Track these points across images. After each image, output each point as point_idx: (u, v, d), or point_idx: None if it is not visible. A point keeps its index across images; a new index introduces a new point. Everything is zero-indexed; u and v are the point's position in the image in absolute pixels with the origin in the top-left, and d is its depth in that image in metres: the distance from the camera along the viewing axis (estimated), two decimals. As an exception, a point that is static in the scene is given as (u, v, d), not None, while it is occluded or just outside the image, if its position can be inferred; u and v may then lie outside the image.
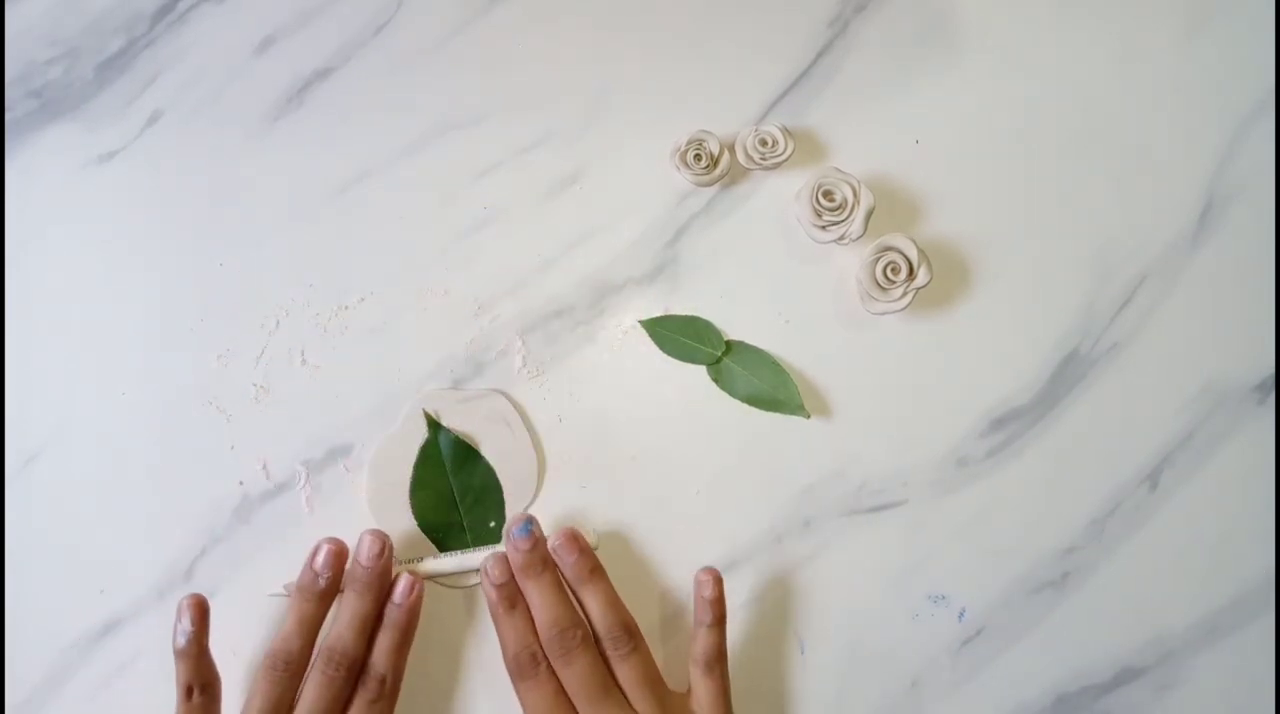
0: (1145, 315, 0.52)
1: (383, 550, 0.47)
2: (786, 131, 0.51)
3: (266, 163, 0.53)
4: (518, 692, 0.46)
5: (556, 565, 0.47)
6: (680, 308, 0.52)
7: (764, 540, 0.50)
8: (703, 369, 0.51)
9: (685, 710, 0.46)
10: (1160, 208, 0.53)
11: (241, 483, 0.50)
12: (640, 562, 0.50)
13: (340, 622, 0.46)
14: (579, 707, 0.45)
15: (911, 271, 0.49)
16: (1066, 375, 0.51)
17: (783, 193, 0.52)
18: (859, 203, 0.50)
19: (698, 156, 0.50)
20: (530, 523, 0.47)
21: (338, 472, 0.50)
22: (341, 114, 0.53)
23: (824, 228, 0.50)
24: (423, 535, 0.50)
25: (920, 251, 0.49)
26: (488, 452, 0.50)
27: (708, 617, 0.46)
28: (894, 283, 0.49)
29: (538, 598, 0.46)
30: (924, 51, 0.54)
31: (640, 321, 0.52)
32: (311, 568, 0.46)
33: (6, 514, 0.50)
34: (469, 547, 0.50)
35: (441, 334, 0.52)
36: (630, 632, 0.46)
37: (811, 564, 0.50)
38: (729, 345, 0.51)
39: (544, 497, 0.51)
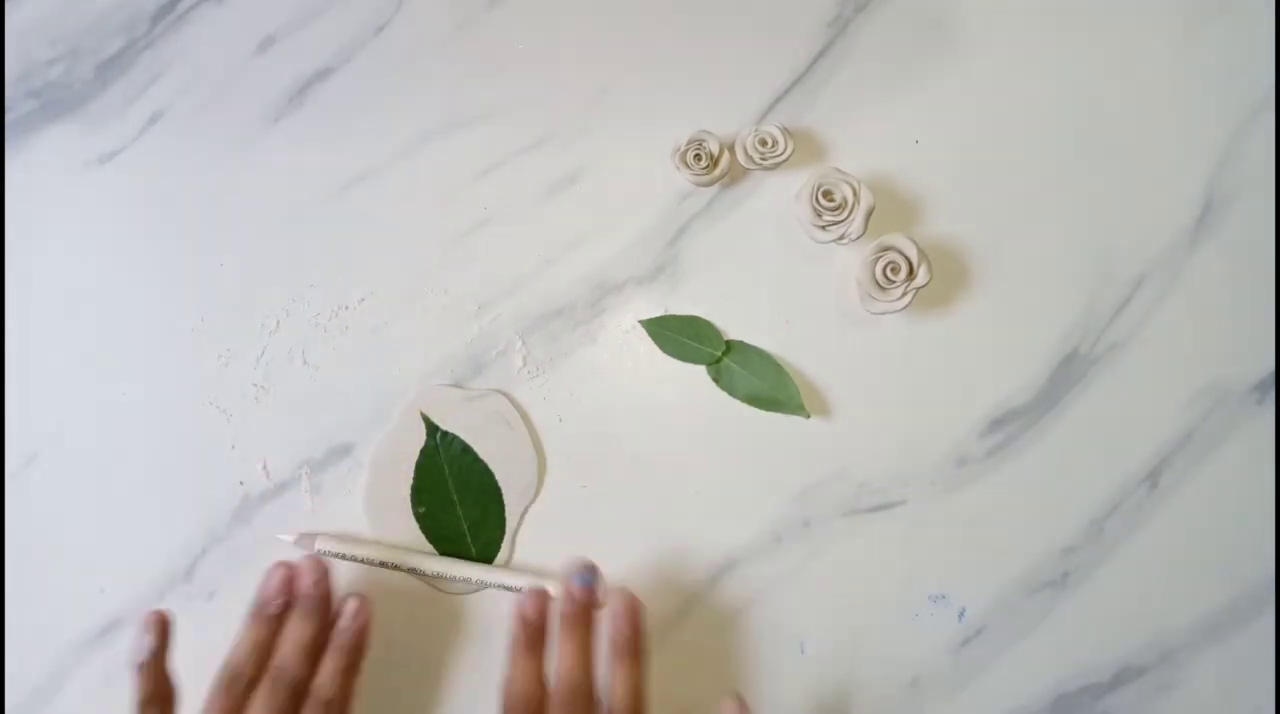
0: (1145, 315, 0.52)
1: (322, 577, 0.46)
2: (786, 131, 0.51)
3: (266, 163, 0.53)
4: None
5: (593, 624, 0.45)
6: (680, 308, 0.52)
7: (764, 540, 0.50)
8: (703, 369, 0.51)
9: None
10: (1160, 208, 0.53)
11: (241, 483, 0.50)
12: (639, 562, 0.50)
13: (285, 645, 0.45)
14: None
15: (911, 271, 0.49)
16: (1066, 375, 0.51)
17: (783, 193, 0.52)
18: (859, 203, 0.50)
19: (698, 156, 0.50)
20: (594, 576, 0.45)
21: (338, 472, 0.50)
22: (341, 114, 0.53)
23: (824, 228, 0.50)
24: (422, 536, 0.50)
25: (920, 251, 0.49)
26: (488, 451, 0.50)
27: None
28: (894, 283, 0.49)
29: (568, 652, 0.44)
30: (924, 51, 0.54)
31: (640, 321, 0.52)
32: (264, 594, 0.46)
33: (6, 514, 0.50)
34: (469, 547, 0.50)
35: (441, 334, 0.52)
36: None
37: (811, 564, 0.50)
38: (729, 345, 0.51)
39: (544, 496, 0.51)
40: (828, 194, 0.50)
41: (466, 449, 0.50)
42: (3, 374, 0.51)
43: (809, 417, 0.51)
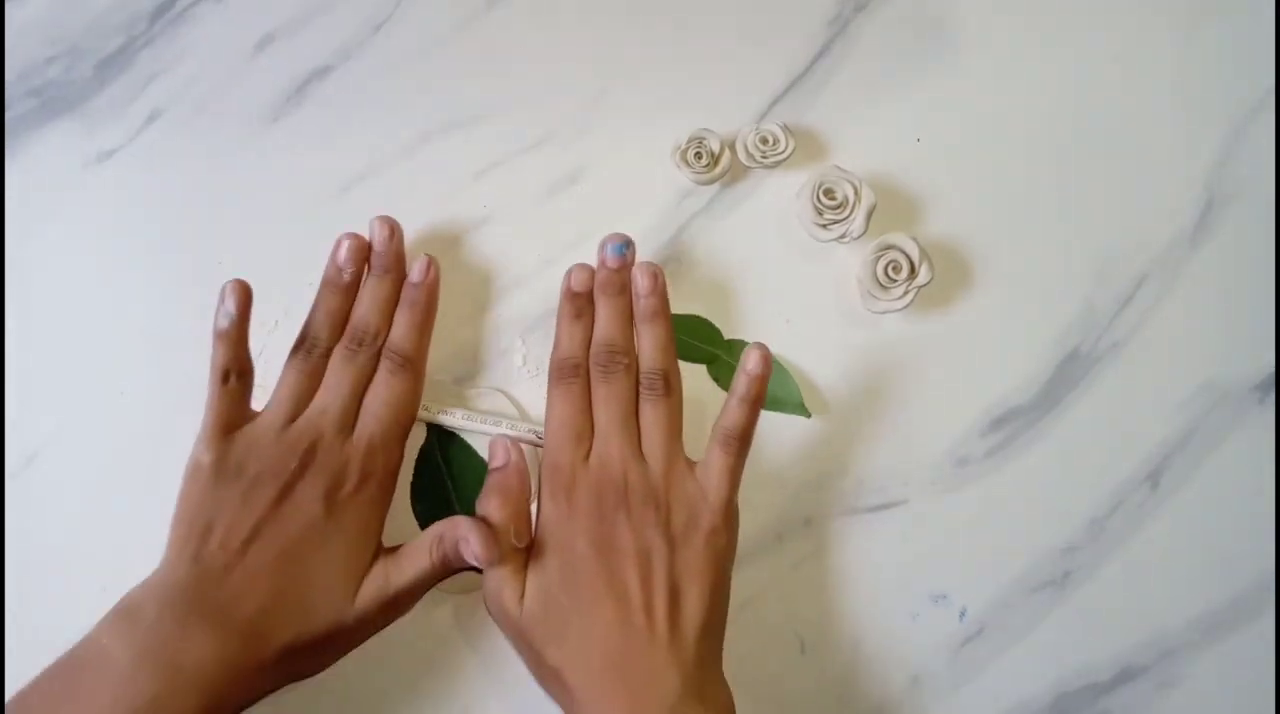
0: (1145, 315, 0.52)
1: (392, 233, 0.49)
2: (787, 130, 0.51)
3: (266, 162, 0.53)
4: (549, 392, 0.48)
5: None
6: (680, 307, 0.52)
7: (764, 540, 0.50)
8: (703, 369, 0.51)
9: (689, 475, 0.46)
10: (1160, 208, 0.53)
11: (241, 482, 0.50)
12: (640, 561, 0.50)
13: (361, 303, 0.48)
14: (597, 424, 0.46)
15: (913, 270, 0.49)
16: (1067, 375, 0.51)
17: (783, 191, 0.52)
18: (860, 201, 0.50)
19: (698, 155, 0.50)
20: (626, 246, 0.48)
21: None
22: (341, 113, 0.53)
23: (825, 226, 0.50)
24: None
25: (922, 250, 0.49)
26: (488, 451, 0.50)
27: (742, 390, 0.45)
28: (895, 282, 0.49)
29: (604, 315, 0.48)
30: (924, 50, 0.54)
31: (640, 321, 0.52)
32: (335, 263, 0.48)
33: (6, 514, 0.50)
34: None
35: (441, 334, 0.51)
36: (669, 380, 0.47)
37: (811, 564, 0.50)
38: (729, 345, 0.51)
39: (544, 496, 0.51)
40: (829, 193, 0.50)
41: (466, 448, 0.50)
42: (3, 374, 0.51)
43: (809, 416, 0.51)
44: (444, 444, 0.50)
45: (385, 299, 0.48)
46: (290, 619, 0.42)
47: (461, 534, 0.43)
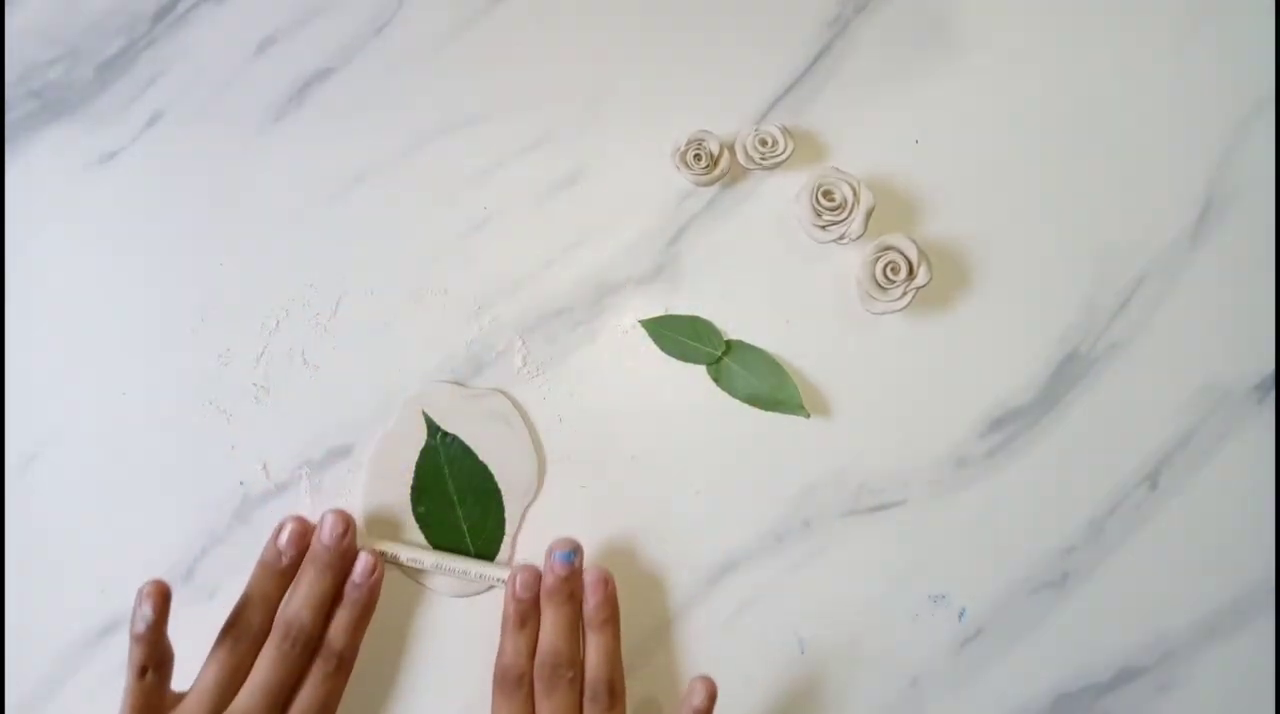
0: (1145, 315, 0.52)
1: (346, 531, 0.47)
2: (786, 131, 0.51)
3: (267, 163, 0.53)
4: (493, 700, 0.47)
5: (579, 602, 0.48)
6: (680, 308, 0.52)
7: (764, 540, 0.50)
8: (703, 369, 0.51)
9: None
10: (1160, 208, 0.53)
11: (242, 483, 0.50)
12: (640, 562, 0.50)
13: (298, 598, 0.46)
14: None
15: (911, 271, 0.49)
16: (1066, 375, 0.51)
17: (783, 193, 0.52)
18: (859, 202, 0.50)
19: (698, 156, 0.50)
20: (574, 553, 0.47)
21: (338, 472, 0.50)
22: (342, 114, 0.53)
23: (824, 227, 0.50)
24: (421, 536, 0.50)
25: (920, 251, 0.49)
26: (487, 451, 0.50)
27: None
28: (894, 282, 0.49)
29: (551, 625, 0.47)
30: (924, 51, 0.54)
31: (640, 321, 0.52)
32: (275, 545, 0.47)
33: (6, 514, 0.50)
34: (468, 547, 0.50)
35: (441, 334, 0.52)
36: (615, 693, 0.46)
37: (811, 564, 0.50)
38: (729, 345, 0.51)
39: (544, 496, 0.51)
40: (828, 194, 0.50)
41: (466, 449, 0.50)
42: (3, 374, 0.51)
43: (809, 416, 0.51)
44: (445, 445, 0.50)
45: (324, 596, 0.46)
46: None
47: None
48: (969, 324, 0.52)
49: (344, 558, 0.47)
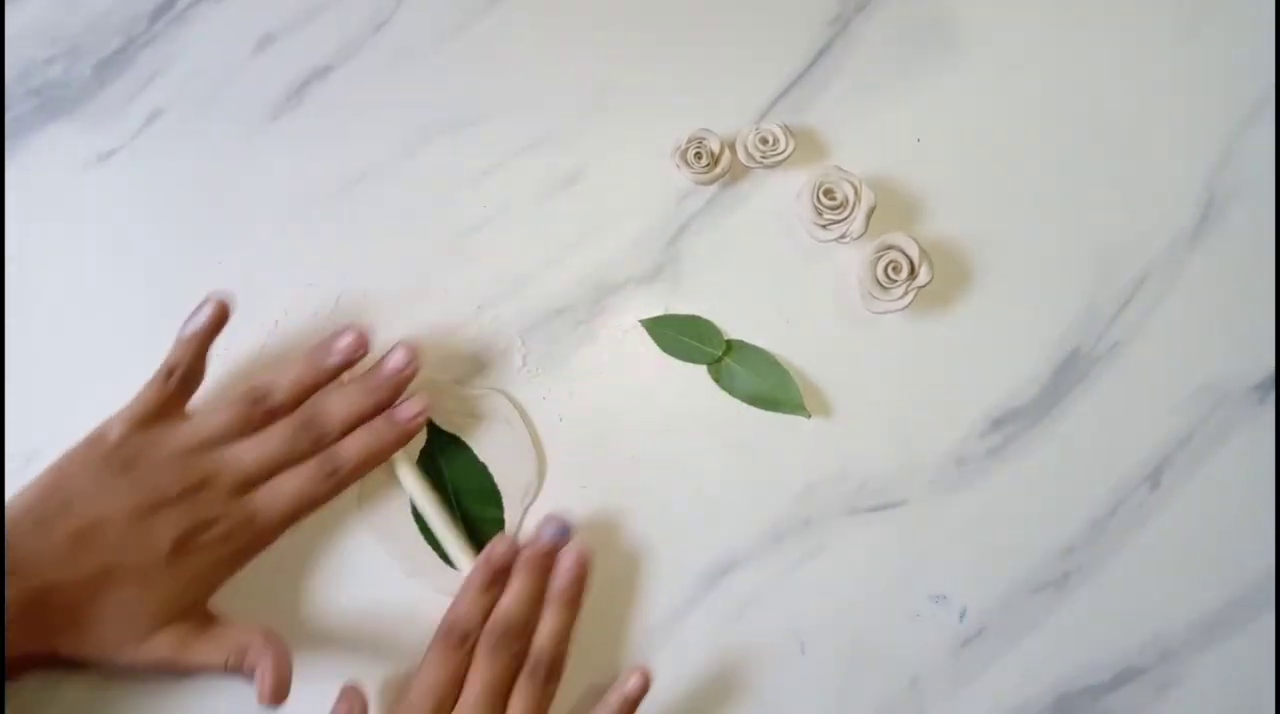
0: (1145, 315, 0.52)
1: (406, 366, 0.47)
2: (787, 130, 0.51)
3: (266, 162, 0.53)
4: (429, 648, 0.45)
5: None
6: (680, 307, 0.52)
7: (764, 540, 0.50)
8: (703, 369, 0.51)
9: None
10: (1160, 208, 0.53)
11: (241, 483, 0.50)
12: (639, 562, 0.50)
13: (334, 401, 0.46)
14: (463, 698, 0.44)
15: (913, 270, 0.49)
16: (1067, 375, 0.51)
17: (783, 192, 0.52)
18: (860, 201, 0.50)
19: (698, 155, 0.50)
20: (568, 530, 0.47)
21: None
22: (341, 113, 0.53)
23: (825, 227, 0.50)
24: (422, 535, 0.50)
25: (922, 250, 0.49)
26: (487, 451, 0.50)
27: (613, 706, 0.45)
28: (895, 282, 0.49)
29: (517, 590, 0.45)
30: (924, 51, 0.54)
31: (640, 321, 0.52)
32: (330, 345, 0.46)
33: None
34: (468, 545, 0.50)
35: (441, 334, 0.52)
36: (554, 672, 0.45)
37: (811, 564, 0.50)
38: (729, 345, 0.51)
39: (544, 497, 0.51)
40: (829, 193, 0.50)
41: (466, 449, 0.50)
42: (3, 374, 0.51)
43: (809, 416, 0.51)
44: (444, 446, 0.50)
45: (360, 410, 0.46)
46: (71, 631, 0.41)
47: (261, 666, 0.42)
48: (970, 324, 0.52)
49: (393, 389, 0.47)
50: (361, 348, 0.47)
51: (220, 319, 0.45)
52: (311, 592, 0.48)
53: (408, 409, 0.47)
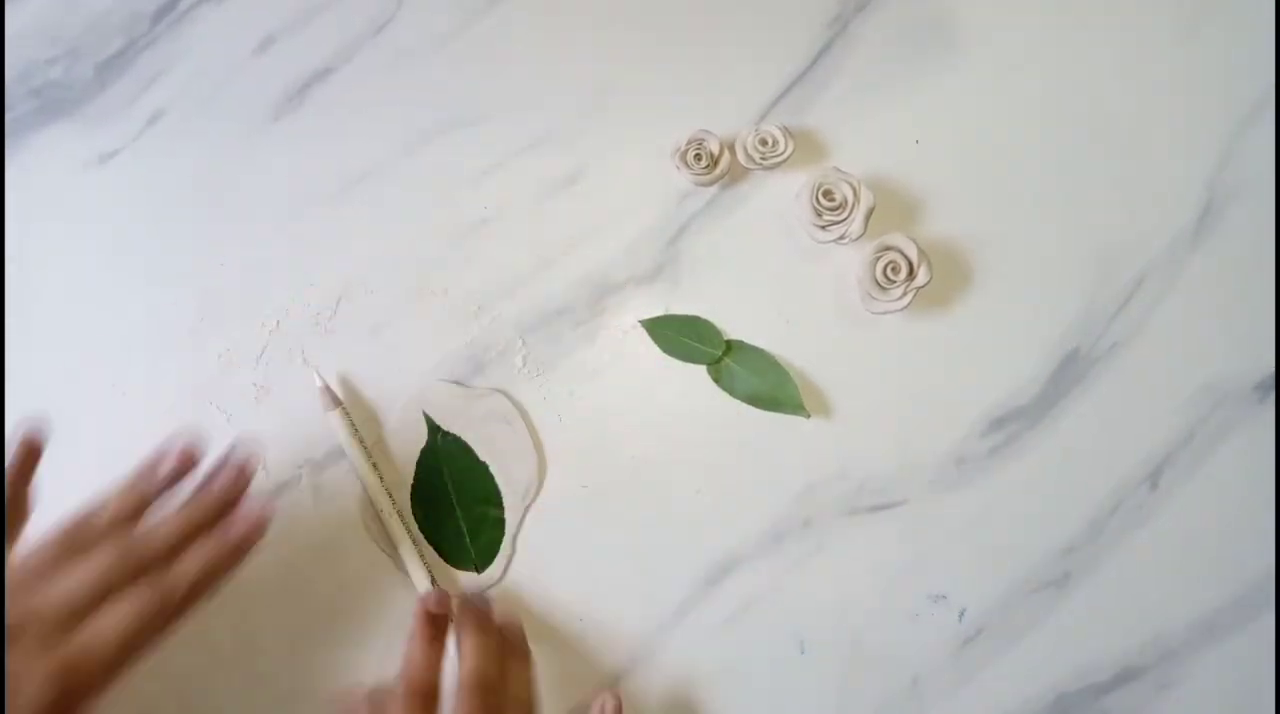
0: (1145, 315, 0.52)
1: (243, 471, 0.44)
2: (787, 131, 0.51)
3: (267, 162, 0.53)
4: (388, 704, 0.43)
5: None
6: (680, 308, 0.52)
7: (764, 540, 0.50)
8: (703, 369, 0.51)
9: None
10: (1160, 208, 0.53)
11: (241, 483, 0.50)
12: (640, 561, 0.50)
13: (166, 524, 0.42)
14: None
15: (912, 271, 0.49)
16: (1067, 375, 0.51)
17: (783, 193, 0.52)
18: (859, 202, 0.50)
19: (698, 156, 0.50)
20: (490, 602, 0.47)
21: (338, 472, 0.50)
22: (342, 114, 0.53)
23: (824, 227, 0.50)
24: (422, 536, 0.50)
25: (920, 251, 0.49)
26: (488, 451, 0.50)
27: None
28: (894, 282, 0.49)
29: (474, 645, 0.44)
30: (924, 51, 0.54)
31: (640, 321, 0.52)
32: (161, 458, 0.44)
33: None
34: (468, 548, 0.50)
35: (441, 334, 0.52)
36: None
37: (811, 564, 0.50)
38: (729, 345, 0.51)
39: (544, 496, 0.51)
40: (828, 194, 0.50)
41: (466, 449, 0.50)
42: (3, 374, 0.51)
43: (809, 416, 0.51)
44: (445, 445, 0.50)
45: (194, 522, 0.42)
46: None
47: None
48: (969, 324, 0.52)
49: (230, 492, 0.44)
50: (191, 459, 0.44)
51: (32, 454, 0.42)
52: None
53: (246, 516, 0.43)
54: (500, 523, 0.50)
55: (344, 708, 0.43)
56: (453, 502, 0.50)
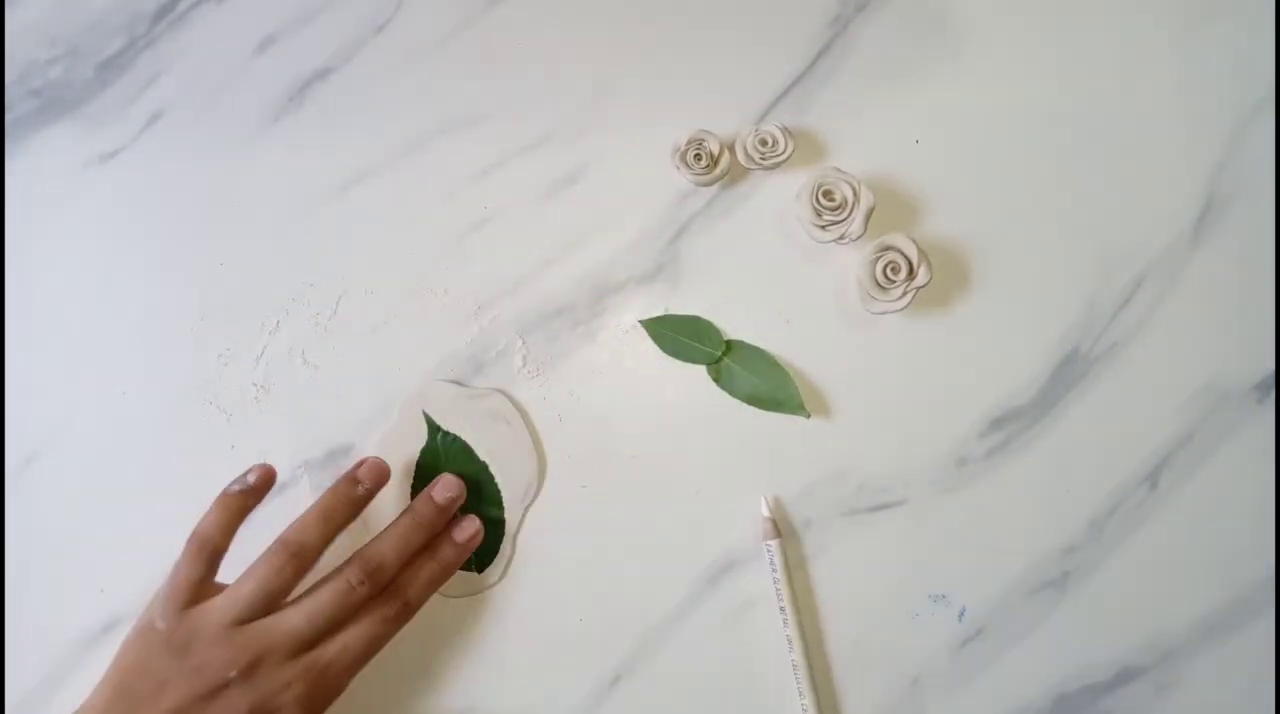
0: (1145, 315, 0.52)
1: (458, 497, 0.49)
2: (786, 131, 0.51)
3: (267, 162, 0.53)
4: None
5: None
6: (680, 308, 0.52)
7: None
8: (703, 369, 0.51)
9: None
10: (1160, 208, 0.53)
11: (241, 483, 0.50)
12: (640, 561, 0.50)
13: (387, 543, 0.46)
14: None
15: (911, 271, 0.49)
16: (1066, 375, 0.51)
17: (783, 192, 0.52)
18: (859, 202, 0.50)
19: (698, 156, 0.50)
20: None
21: (338, 471, 0.50)
22: (342, 114, 0.53)
23: (824, 227, 0.50)
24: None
25: (920, 251, 0.49)
26: (488, 451, 0.50)
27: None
28: (894, 282, 0.49)
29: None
30: (924, 51, 0.54)
31: (640, 321, 0.52)
32: (354, 475, 0.47)
33: (6, 514, 0.50)
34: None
35: (441, 334, 0.52)
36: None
37: (811, 564, 0.50)
38: (729, 345, 0.51)
39: (544, 496, 0.51)
40: (828, 194, 0.50)
41: (466, 449, 0.50)
42: (3, 374, 0.51)
43: (809, 416, 0.51)
44: (445, 445, 0.50)
45: (414, 549, 0.47)
46: None
47: None
48: (969, 324, 0.52)
49: (444, 518, 0.48)
50: (381, 473, 0.48)
51: (268, 484, 0.46)
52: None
53: (465, 532, 0.49)
54: (500, 523, 0.50)
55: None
56: (453, 501, 0.50)
